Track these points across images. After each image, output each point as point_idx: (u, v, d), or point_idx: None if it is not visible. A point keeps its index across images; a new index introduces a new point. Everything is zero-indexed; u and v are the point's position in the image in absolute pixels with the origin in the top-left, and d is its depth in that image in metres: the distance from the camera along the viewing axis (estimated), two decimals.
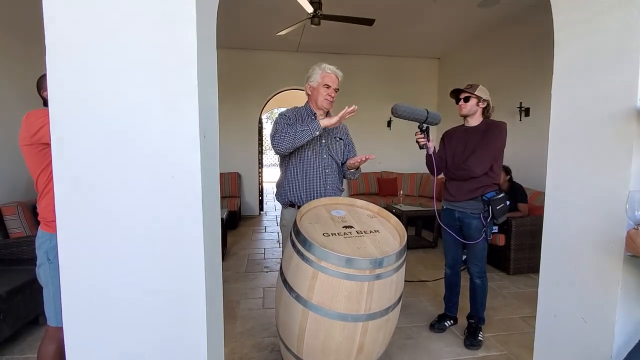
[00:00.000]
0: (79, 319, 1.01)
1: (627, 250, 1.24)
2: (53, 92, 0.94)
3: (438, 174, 2.35)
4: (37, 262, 1.47)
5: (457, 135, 2.34)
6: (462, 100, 2.21)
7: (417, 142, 2.13)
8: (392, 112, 1.88)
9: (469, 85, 2.21)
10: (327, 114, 2.14)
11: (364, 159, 1.95)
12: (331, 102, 2.03)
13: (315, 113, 2.05)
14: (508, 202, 3.58)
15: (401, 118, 1.91)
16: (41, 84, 1.56)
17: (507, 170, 3.81)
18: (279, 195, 2.10)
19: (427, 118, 1.97)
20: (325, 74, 2.00)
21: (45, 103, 1.50)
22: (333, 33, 5.19)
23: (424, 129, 2.06)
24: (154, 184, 0.99)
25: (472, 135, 2.23)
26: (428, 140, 2.11)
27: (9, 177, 3.24)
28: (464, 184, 2.22)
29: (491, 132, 2.16)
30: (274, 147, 1.94)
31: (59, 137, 0.95)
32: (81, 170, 0.96)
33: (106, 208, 0.98)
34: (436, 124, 2.04)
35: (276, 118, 2.06)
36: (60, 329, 1.48)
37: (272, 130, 1.98)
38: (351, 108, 1.80)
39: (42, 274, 1.47)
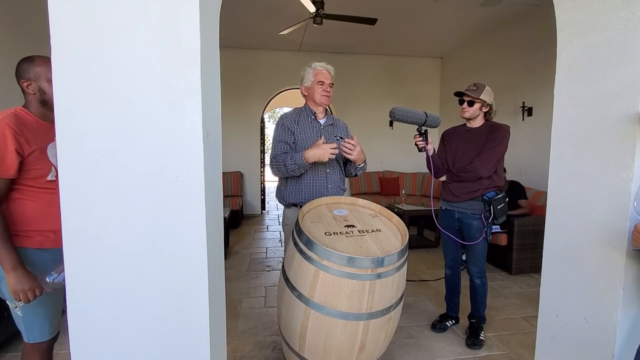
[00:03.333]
0: (82, 317, 1.02)
1: (633, 244, 1.24)
2: (58, 91, 0.95)
3: (438, 176, 2.35)
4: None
5: (458, 135, 2.33)
6: (465, 103, 2.19)
7: (416, 145, 2.12)
8: (390, 116, 1.88)
9: (474, 85, 2.17)
10: (327, 112, 2.15)
11: (352, 146, 1.84)
12: (328, 97, 2.02)
13: (315, 112, 2.05)
14: (507, 199, 3.59)
15: (399, 121, 1.89)
16: (21, 72, 1.35)
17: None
18: (280, 197, 2.10)
19: (425, 121, 1.95)
20: (317, 71, 2.00)
21: (25, 94, 1.37)
22: (335, 32, 5.19)
23: (422, 132, 2.05)
24: (157, 183, 1.00)
25: (475, 137, 2.22)
26: (427, 143, 2.10)
27: None
28: (466, 184, 2.21)
29: (496, 135, 2.15)
30: (272, 171, 2.01)
31: (64, 135, 0.96)
32: (85, 168, 0.97)
33: (109, 207, 0.99)
34: (435, 126, 2.02)
35: (276, 125, 2.07)
36: (37, 344, 1.39)
37: (272, 145, 2.02)
38: (333, 146, 1.80)
39: (4, 289, 1.28)
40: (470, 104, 2.18)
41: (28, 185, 1.31)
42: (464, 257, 2.40)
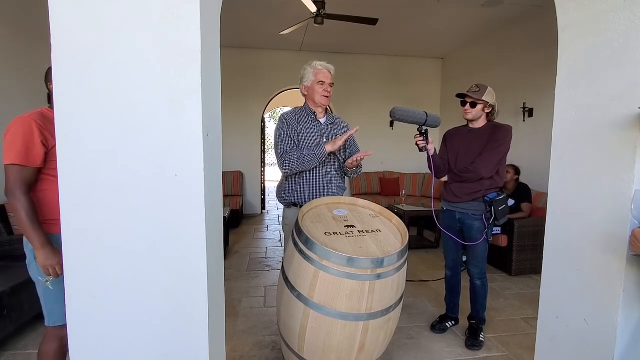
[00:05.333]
0: (82, 316, 1.02)
1: (631, 249, 1.24)
2: (59, 90, 0.95)
3: (439, 176, 2.34)
4: (27, 261, 1.45)
5: (460, 136, 2.32)
6: (468, 104, 2.18)
7: (417, 144, 2.11)
8: (391, 116, 1.87)
9: (476, 86, 2.16)
10: (327, 111, 2.14)
11: (360, 157, 1.93)
12: (328, 97, 2.01)
13: (314, 112, 2.05)
14: (513, 202, 3.59)
15: (400, 121, 1.89)
16: (49, 75, 1.45)
17: (517, 171, 3.81)
18: (280, 196, 2.10)
19: (426, 121, 1.95)
20: (317, 70, 1.98)
21: (50, 96, 1.46)
22: (336, 32, 5.18)
23: (423, 131, 2.04)
24: (157, 183, 1.00)
25: (478, 137, 2.21)
26: (427, 143, 2.09)
27: None
28: (468, 185, 2.20)
29: (498, 135, 2.14)
30: (282, 168, 1.97)
31: (64, 135, 0.96)
32: (85, 167, 0.97)
33: (109, 206, 0.99)
34: (436, 126, 2.01)
35: (277, 125, 2.06)
36: (57, 328, 1.47)
37: (277, 145, 1.99)
38: (352, 131, 1.91)
39: (31, 272, 1.45)
40: (473, 105, 2.17)
41: (53, 176, 1.38)
42: (464, 258, 2.40)
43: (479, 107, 2.16)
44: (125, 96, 0.97)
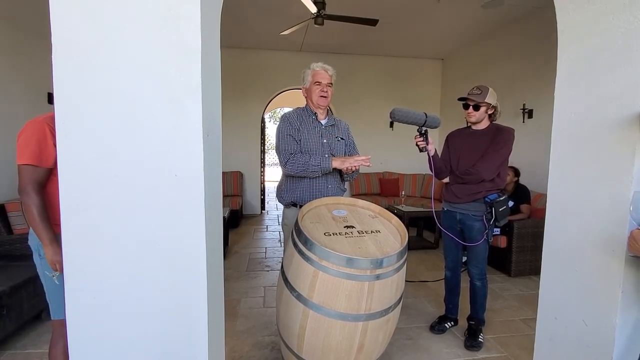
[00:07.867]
0: (81, 316, 1.02)
1: (630, 251, 1.24)
2: (58, 89, 0.95)
3: (440, 177, 2.35)
4: (34, 256, 1.50)
5: (462, 137, 2.32)
6: (471, 107, 2.18)
7: (417, 145, 2.11)
8: (390, 117, 1.88)
9: (477, 88, 2.15)
10: (328, 112, 2.15)
11: (356, 166, 1.94)
12: (326, 97, 2.01)
13: (315, 113, 2.05)
14: (512, 203, 3.59)
15: (400, 122, 1.90)
16: None
17: (517, 172, 3.82)
18: (280, 196, 2.10)
19: (425, 122, 1.96)
20: (315, 72, 2.00)
21: (52, 96, 1.49)
22: (336, 33, 5.19)
23: (423, 132, 2.05)
24: (157, 183, 1.00)
25: (480, 139, 2.21)
26: (427, 144, 2.09)
27: (14, 173, 3.26)
28: (469, 186, 2.21)
29: (500, 138, 2.14)
30: (284, 167, 1.97)
31: (64, 134, 0.96)
32: (85, 167, 0.97)
33: (109, 206, 0.99)
34: (435, 127, 2.02)
35: (279, 123, 2.05)
36: (62, 322, 1.48)
37: (280, 144, 1.98)
38: (364, 158, 1.91)
39: (38, 267, 1.51)
40: (476, 108, 2.16)
41: None
42: (464, 259, 2.40)
43: (482, 109, 2.16)
44: (125, 96, 0.97)
